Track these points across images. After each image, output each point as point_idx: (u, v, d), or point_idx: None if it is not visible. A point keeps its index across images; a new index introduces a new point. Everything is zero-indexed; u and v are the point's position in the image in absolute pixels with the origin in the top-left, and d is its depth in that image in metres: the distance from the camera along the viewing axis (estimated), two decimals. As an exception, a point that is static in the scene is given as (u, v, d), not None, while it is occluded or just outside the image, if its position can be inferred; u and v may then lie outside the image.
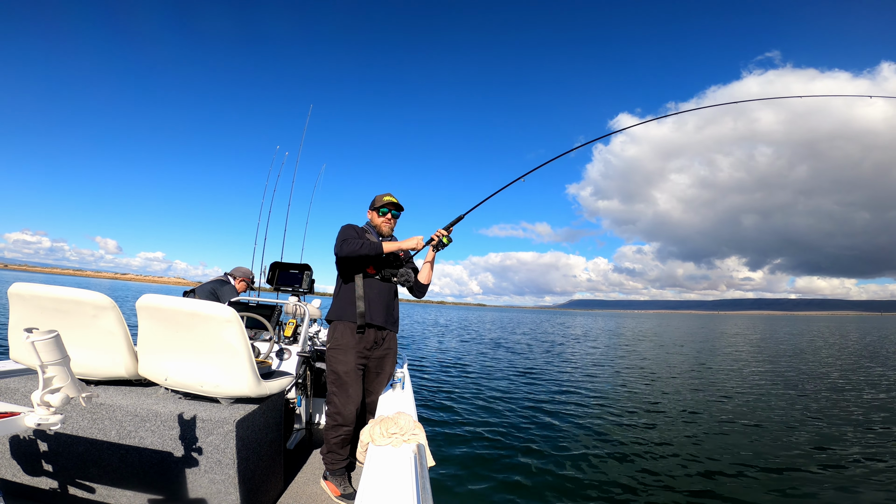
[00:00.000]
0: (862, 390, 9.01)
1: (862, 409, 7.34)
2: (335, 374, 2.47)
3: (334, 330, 2.55)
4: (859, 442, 5.51)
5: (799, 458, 4.90)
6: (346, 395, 2.43)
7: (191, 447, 1.86)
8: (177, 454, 1.87)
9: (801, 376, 10.82)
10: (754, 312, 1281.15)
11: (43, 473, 1.95)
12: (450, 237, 2.70)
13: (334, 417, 2.43)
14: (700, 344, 20.85)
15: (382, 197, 2.74)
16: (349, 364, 2.46)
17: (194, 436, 1.86)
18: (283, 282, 3.62)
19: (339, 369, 2.46)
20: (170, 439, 1.87)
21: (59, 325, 1.85)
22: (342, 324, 2.53)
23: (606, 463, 4.64)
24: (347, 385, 2.44)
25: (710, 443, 5.38)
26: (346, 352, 2.48)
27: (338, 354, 2.48)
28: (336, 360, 2.48)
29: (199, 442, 1.85)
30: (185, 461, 1.86)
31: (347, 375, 2.45)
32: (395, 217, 2.77)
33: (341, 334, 2.51)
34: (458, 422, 5.95)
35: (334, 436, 2.42)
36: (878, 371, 12.00)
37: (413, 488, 1.49)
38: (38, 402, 1.16)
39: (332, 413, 2.45)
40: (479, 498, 3.76)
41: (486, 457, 4.66)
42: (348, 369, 2.46)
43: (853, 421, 6.51)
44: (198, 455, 1.86)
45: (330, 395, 2.48)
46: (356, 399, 2.47)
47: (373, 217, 2.77)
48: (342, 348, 2.49)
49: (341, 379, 2.45)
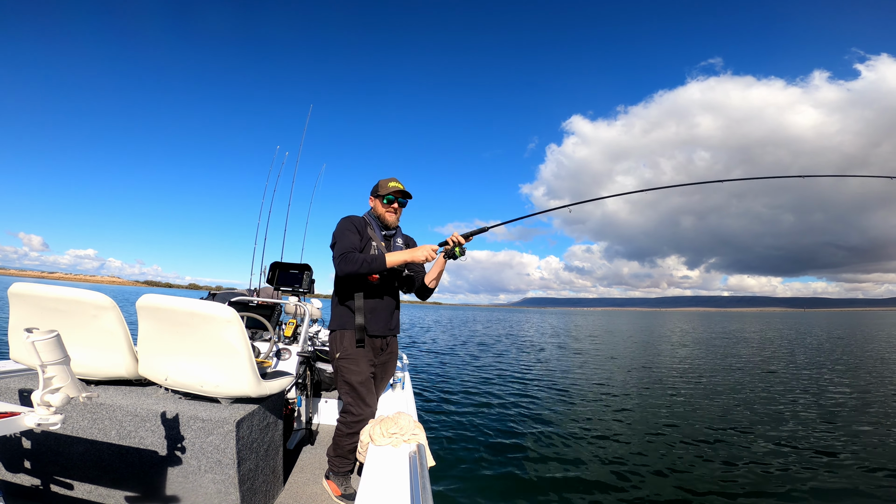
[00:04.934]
0: (788, 380, 10.13)
1: (785, 395, 8.41)
2: (349, 385, 2.34)
3: (342, 339, 2.38)
4: (784, 426, 6.12)
5: (731, 443, 5.41)
6: (364, 404, 2.33)
7: (191, 447, 1.86)
8: (177, 454, 1.87)
9: (734, 369, 11.80)
10: (692, 309, 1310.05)
11: (43, 473, 1.95)
12: (464, 249, 2.40)
13: (351, 426, 2.30)
14: (664, 343, 21.19)
15: (387, 182, 2.45)
16: (363, 373, 2.35)
17: (194, 436, 1.86)
18: (283, 282, 3.62)
19: (353, 380, 2.33)
20: (170, 439, 1.87)
21: (59, 325, 1.84)
22: (349, 332, 2.38)
23: (607, 463, 4.64)
24: (364, 395, 2.34)
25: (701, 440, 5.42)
26: (358, 361, 2.35)
27: (350, 364, 2.35)
28: (349, 371, 2.34)
29: (200, 442, 1.85)
30: (185, 461, 1.86)
31: (363, 385, 2.34)
32: (402, 206, 2.50)
33: (350, 343, 2.36)
34: (458, 422, 5.95)
35: (349, 443, 2.33)
36: (803, 360, 13.81)
37: (413, 488, 1.49)
38: (38, 402, 1.16)
39: (349, 422, 2.32)
40: (480, 498, 3.76)
41: (487, 457, 4.66)
42: (363, 379, 2.35)
43: (781, 407, 7.41)
44: (198, 455, 1.85)
45: (346, 406, 2.36)
46: (373, 407, 2.39)
47: (376, 205, 2.49)
48: (353, 358, 2.35)
49: (357, 390, 2.33)
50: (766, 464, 4.65)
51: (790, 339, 23.16)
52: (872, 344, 20.25)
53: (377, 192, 2.48)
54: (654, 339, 22.94)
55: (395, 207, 2.48)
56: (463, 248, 2.39)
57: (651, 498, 3.87)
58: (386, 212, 2.47)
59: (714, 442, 5.38)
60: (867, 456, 4.90)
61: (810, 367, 12.11)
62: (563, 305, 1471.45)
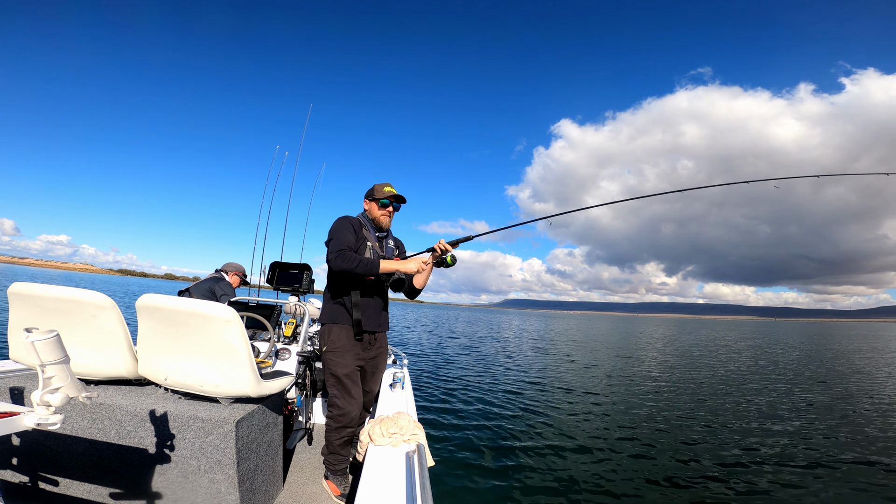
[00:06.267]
0: (754, 384, 10.44)
1: (753, 398, 8.70)
2: (335, 378, 2.42)
3: (329, 333, 2.47)
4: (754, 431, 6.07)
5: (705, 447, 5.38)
6: (349, 397, 2.41)
7: (191, 447, 1.86)
8: (177, 454, 1.86)
9: (709, 373, 12.12)
10: (668, 315, 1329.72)
11: (43, 473, 1.94)
12: (454, 257, 2.50)
13: (338, 419, 2.40)
14: (649, 348, 21.34)
15: (383, 187, 2.57)
16: (349, 366, 2.43)
17: (194, 436, 1.86)
18: (282, 282, 3.62)
19: (339, 372, 2.41)
20: (169, 439, 1.87)
21: (58, 324, 1.84)
22: (337, 326, 2.46)
23: (606, 462, 4.65)
24: (349, 387, 2.41)
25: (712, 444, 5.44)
26: (345, 354, 2.43)
27: (336, 357, 2.43)
28: (335, 364, 2.42)
29: (199, 442, 1.85)
30: (185, 461, 1.86)
31: (348, 378, 2.42)
32: (396, 209, 2.61)
33: (337, 337, 2.45)
34: (459, 422, 5.95)
35: (338, 437, 2.41)
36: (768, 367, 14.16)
37: (413, 488, 1.49)
38: (37, 401, 1.16)
39: (335, 416, 2.41)
40: (480, 498, 3.76)
41: (487, 457, 4.66)
42: (348, 371, 2.42)
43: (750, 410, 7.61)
44: (198, 455, 1.85)
45: (332, 398, 2.44)
46: (359, 400, 2.45)
47: (371, 208, 2.58)
48: (340, 351, 2.43)
49: (342, 382, 2.41)
50: (726, 466, 4.73)
51: (760, 347, 24.01)
52: (838, 353, 21.05)
53: (373, 196, 2.58)
54: (639, 345, 23.12)
55: (390, 211, 2.58)
56: (453, 257, 2.50)
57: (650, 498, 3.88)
58: (381, 215, 2.56)
59: (697, 443, 5.45)
60: (820, 458, 5.00)
61: (776, 374, 12.35)
62: (544, 308, 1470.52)
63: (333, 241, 2.37)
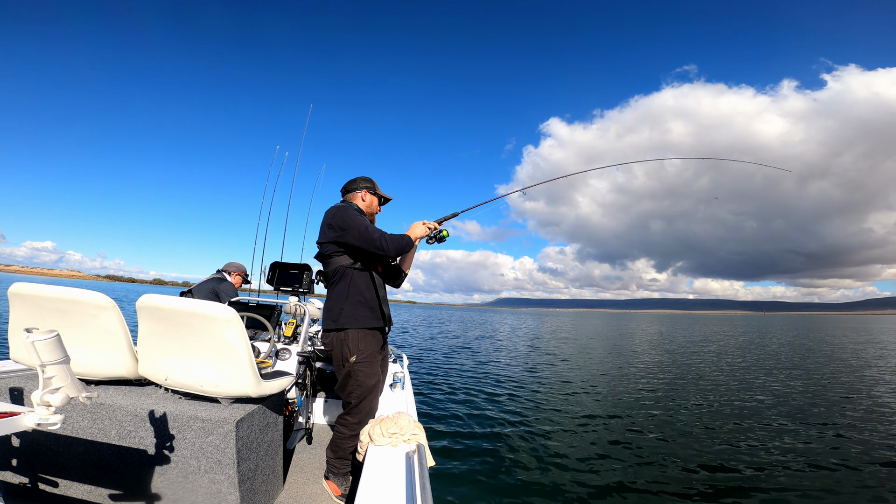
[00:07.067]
0: (743, 377, 10.66)
1: (741, 392, 8.93)
2: (363, 388, 2.29)
3: (360, 340, 2.25)
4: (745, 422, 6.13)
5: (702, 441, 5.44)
6: (371, 407, 2.33)
7: (191, 447, 1.86)
8: (177, 454, 1.86)
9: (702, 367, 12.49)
10: (659, 311, 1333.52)
11: (43, 473, 1.94)
12: (447, 232, 2.49)
13: (353, 428, 2.31)
14: (645, 345, 21.48)
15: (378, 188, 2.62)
16: (377, 374, 2.34)
17: (194, 436, 1.86)
18: (283, 282, 3.61)
19: (369, 383, 2.29)
20: (169, 439, 1.87)
21: (59, 324, 1.85)
22: (367, 333, 2.29)
23: (605, 460, 4.65)
24: (374, 397, 2.33)
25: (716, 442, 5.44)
26: (373, 363, 2.31)
27: (366, 368, 2.28)
28: (366, 374, 2.28)
29: (199, 442, 1.85)
30: (185, 461, 1.86)
31: (377, 388, 2.33)
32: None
33: (368, 345, 2.28)
34: (459, 422, 5.95)
35: (350, 445, 2.32)
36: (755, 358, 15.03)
37: (413, 488, 1.49)
38: (38, 402, 1.16)
39: (353, 424, 2.31)
40: (480, 498, 3.76)
41: (487, 457, 4.66)
42: (377, 381, 2.34)
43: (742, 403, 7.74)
44: (198, 455, 1.85)
45: (354, 408, 2.33)
46: (378, 407, 2.41)
47: (372, 202, 2.53)
48: (370, 361, 2.29)
49: (374, 392, 2.32)
50: (717, 457, 4.74)
51: (750, 341, 24.43)
52: (824, 345, 21.66)
53: (376, 191, 2.57)
54: (634, 342, 23.18)
55: (380, 209, 2.66)
56: (447, 231, 2.51)
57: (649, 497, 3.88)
58: (377, 211, 2.64)
59: (701, 436, 5.48)
60: (808, 453, 5.01)
61: (765, 366, 12.59)
62: (537, 306, 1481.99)
63: (361, 228, 2.19)
